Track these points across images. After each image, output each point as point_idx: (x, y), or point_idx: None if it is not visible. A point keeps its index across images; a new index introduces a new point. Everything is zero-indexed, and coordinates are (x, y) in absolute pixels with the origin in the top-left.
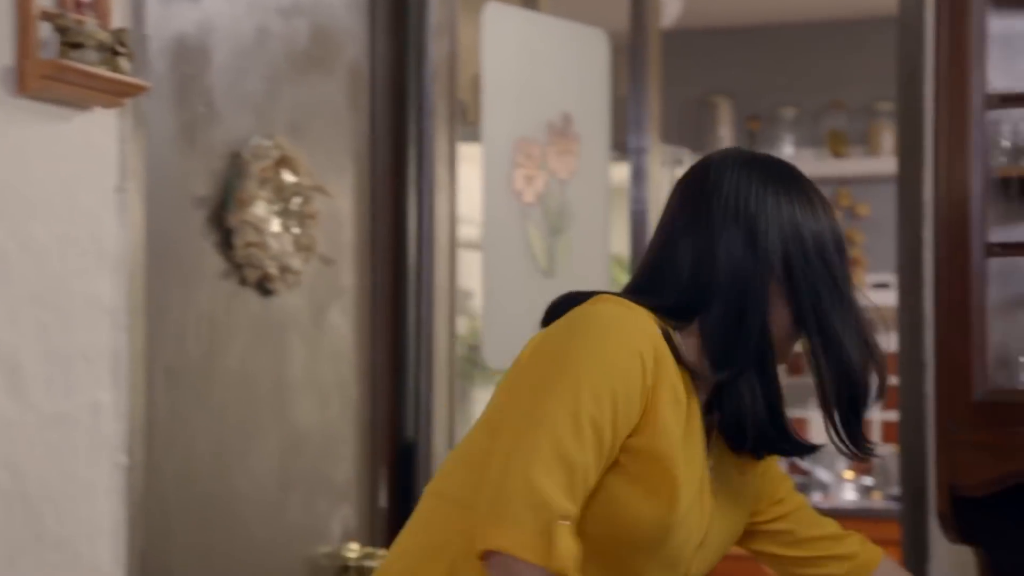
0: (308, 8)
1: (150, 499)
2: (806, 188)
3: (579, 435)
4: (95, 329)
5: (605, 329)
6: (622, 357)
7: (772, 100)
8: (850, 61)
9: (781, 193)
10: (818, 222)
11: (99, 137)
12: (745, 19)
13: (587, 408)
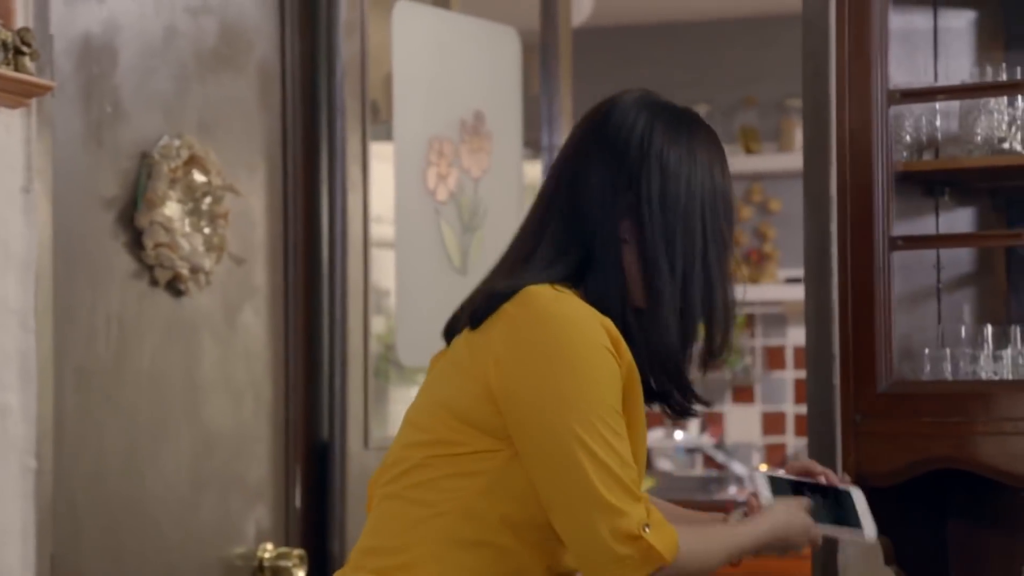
0: (216, 7)
1: (60, 502)
2: (698, 140)
3: (611, 446)
4: (2, 331)
5: (578, 344)
6: (602, 366)
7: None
8: (761, 58)
9: (669, 141)
10: (694, 175)
11: (3, 137)
12: (656, 16)
13: (605, 435)
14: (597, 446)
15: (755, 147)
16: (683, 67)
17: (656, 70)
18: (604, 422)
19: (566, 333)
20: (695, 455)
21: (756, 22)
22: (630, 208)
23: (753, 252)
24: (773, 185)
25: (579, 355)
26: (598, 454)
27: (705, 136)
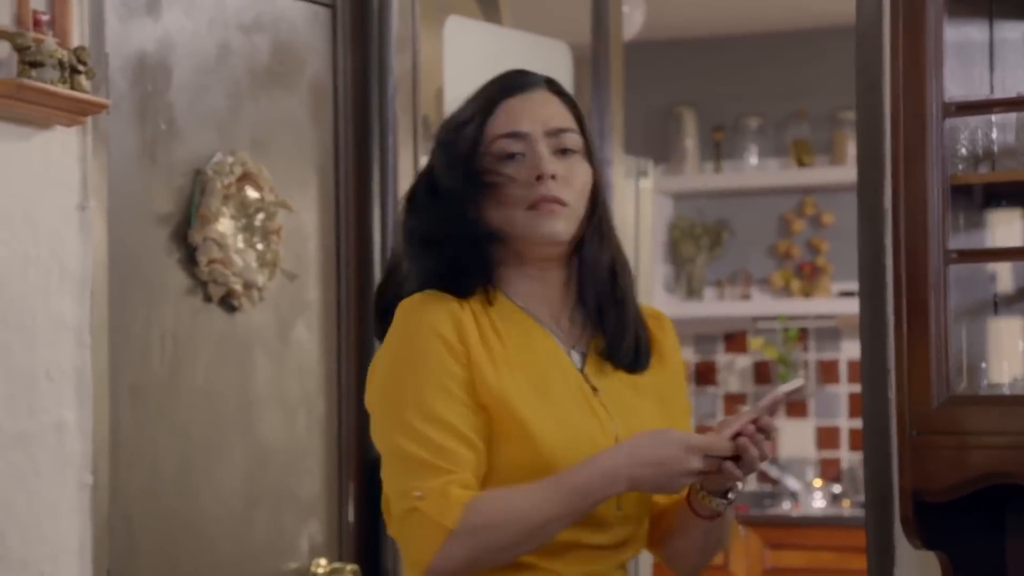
0: (269, 24)
1: (115, 517)
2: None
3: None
4: (58, 347)
5: (403, 335)
6: (428, 348)
7: (736, 110)
8: (813, 70)
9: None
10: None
11: (60, 155)
12: (708, 30)
13: (434, 413)
14: (418, 447)
15: (807, 160)
16: (734, 80)
17: (707, 83)
18: (420, 410)
19: (393, 332)
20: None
21: (807, 35)
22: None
23: (806, 265)
24: (825, 198)
25: (402, 348)
26: (416, 454)
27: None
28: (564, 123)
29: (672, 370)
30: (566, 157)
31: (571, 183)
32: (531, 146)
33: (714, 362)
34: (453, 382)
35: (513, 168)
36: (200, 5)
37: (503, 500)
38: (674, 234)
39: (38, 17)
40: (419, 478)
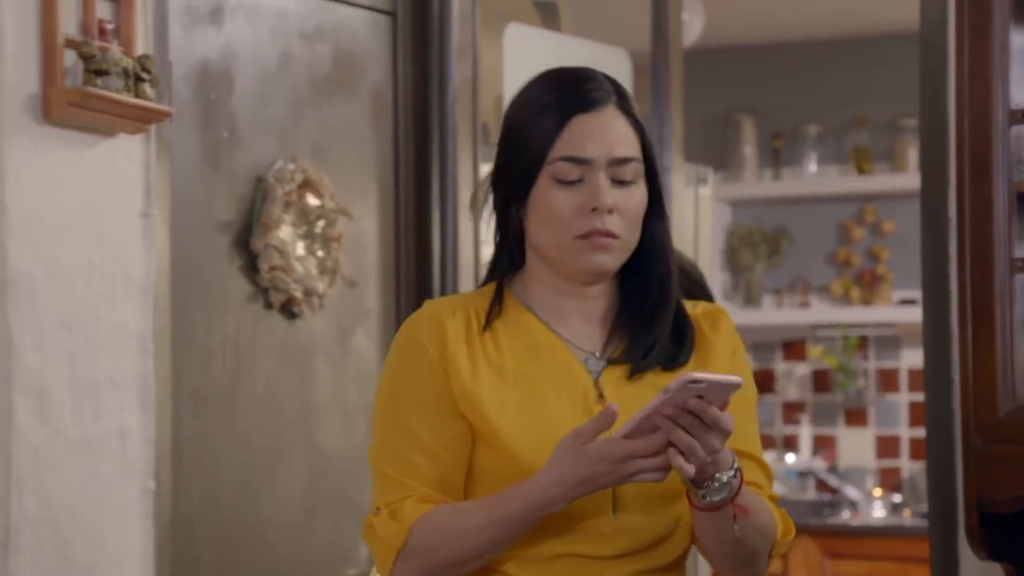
0: (330, 33)
1: (177, 524)
2: (531, 89)
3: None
4: (122, 354)
5: (392, 346)
6: (406, 358)
7: (795, 117)
8: (873, 77)
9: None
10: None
11: (124, 163)
12: (767, 36)
13: (403, 424)
14: (386, 463)
15: (867, 167)
16: (793, 87)
17: (766, 90)
18: (395, 430)
19: (394, 346)
20: (807, 479)
21: (867, 41)
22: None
23: (866, 273)
24: (886, 206)
25: (388, 360)
26: (384, 470)
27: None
28: (629, 151)
29: (716, 368)
30: (625, 187)
31: (626, 215)
32: (592, 174)
33: (772, 370)
34: (428, 392)
35: (571, 194)
36: (262, 14)
37: (447, 518)
38: (732, 241)
39: (103, 26)
40: (381, 493)
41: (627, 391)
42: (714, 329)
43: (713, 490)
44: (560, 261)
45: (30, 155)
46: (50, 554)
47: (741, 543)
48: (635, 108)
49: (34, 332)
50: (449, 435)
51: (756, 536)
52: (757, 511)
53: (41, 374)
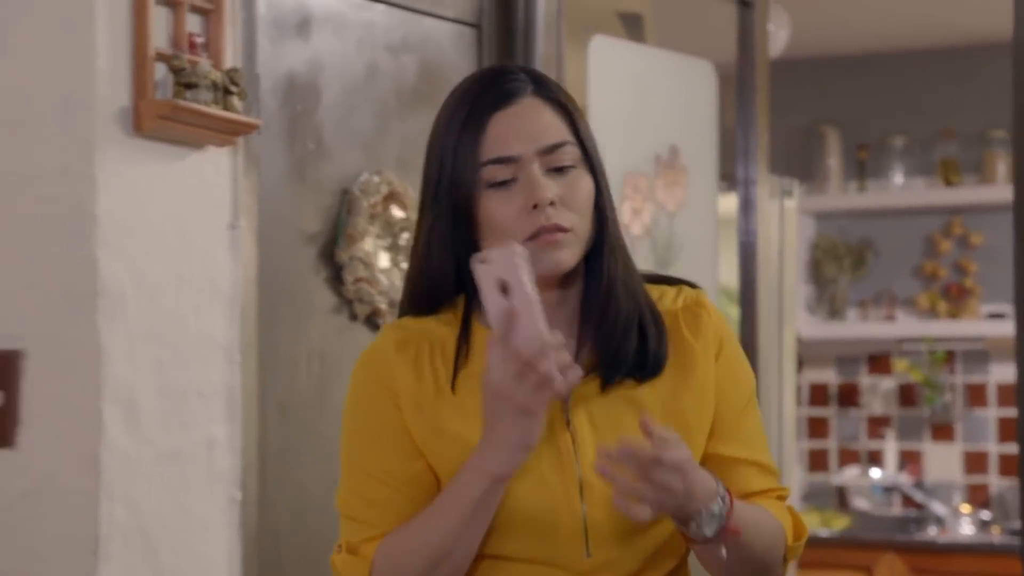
0: (416, 45)
1: (263, 534)
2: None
3: (367, 488)
4: (209, 365)
5: (351, 384)
6: (362, 394)
7: (881, 128)
8: (961, 88)
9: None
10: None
11: (212, 175)
12: (853, 47)
13: (362, 464)
14: (347, 506)
15: (955, 179)
16: (880, 99)
17: (852, 101)
18: (353, 471)
19: (352, 377)
20: (893, 494)
21: (955, 52)
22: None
23: (953, 286)
24: (974, 218)
25: (348, 393)
26: (346, 512)
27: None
28: (558, 136)
29: (700, 377)
30: (564, 174)
31: (572, 204)
32: (524, 169)
33: (857, 384)
34: (386, 428)
35: (508, 197)
36: (349, 26)
37: (400, 537)
38: (816, 254)
39: (193, 40)
40: (344, 530)
41: (597, 407)
42: (695, 331)
43: (704, 523)
44: None
45: (121, 167)
46: (139, 563)
47: (747, 561)
48: (557, 91)
49: (124, 342)
50: (412, 470)
51: (762, 551)
52: (757, 527)
53: (130, 384)
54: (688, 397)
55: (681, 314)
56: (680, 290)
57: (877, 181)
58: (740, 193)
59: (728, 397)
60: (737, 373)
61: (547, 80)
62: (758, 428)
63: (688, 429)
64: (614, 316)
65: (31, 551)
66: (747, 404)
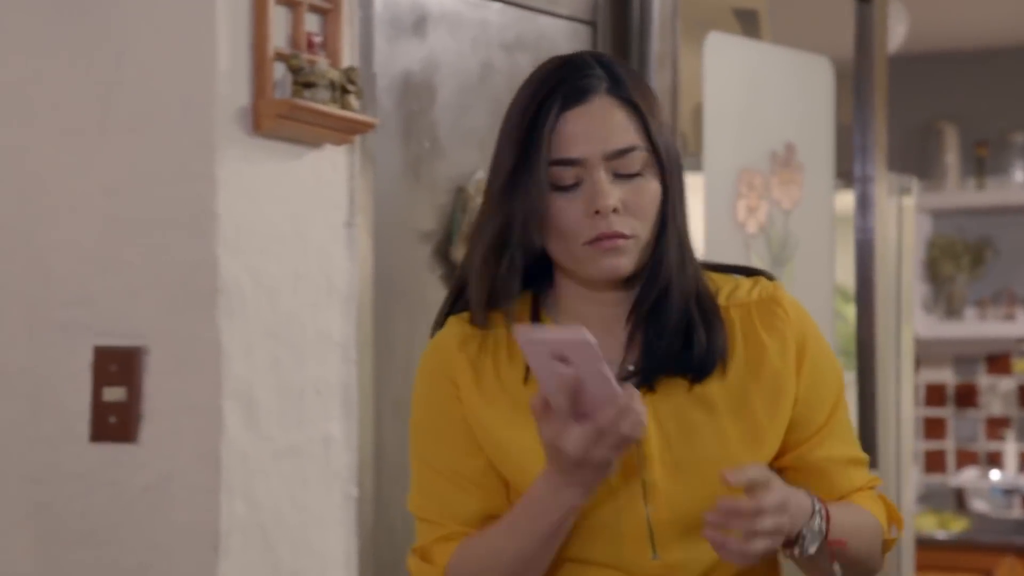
0: (531, 43)
1: (379, 531)
2: (531, 81)
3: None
4: (326, 362)
5: (416, 381)
6: (426, 390)
7: (1001, 125)
8: None
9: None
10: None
11: (329, 174)
12: (972, 42)
13: (428, 459)
14: (417, 506)
15: None
16: (999, 94)
17: (971, 97)
18: (421, 469)
19: (418, 373)
20: (1013, 496)
21: None
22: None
23: None
24: None
25: (412, 402)
26: (417, 513)
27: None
28: (626, 141)
29: (772, 377)
30: (630, 179)
31: (636, 210)
32: (588, 174)
33: (975, 384)
34: (450, 423)
35: (571, 199)
36: (465, 25)
37: (475, 547)
38: (933, 252)
39: (311, 39)
40: (418, 532)
41: (662, 405)
42: (769, 328)
43: (808, 543)
44: (576, 271)
45: (240, 166)
46: (258, 558)
47: (855, 565)
48: (633, 89)
49: (243, 340)
50: (477, 466)
51: (866, 554)
52: (859, 530)
53: (249, 381)
54: (758, 393)
55: (755, 308)
56: (756, 282)
57: (996, 178)
58: (857, 191)
59: (821, 399)
60: (825, 374)
61: (623, 76)
62: (847, 420)
63: (757, 426)
64: (664, 321)
65: (153, 545)
66: (837, 401)
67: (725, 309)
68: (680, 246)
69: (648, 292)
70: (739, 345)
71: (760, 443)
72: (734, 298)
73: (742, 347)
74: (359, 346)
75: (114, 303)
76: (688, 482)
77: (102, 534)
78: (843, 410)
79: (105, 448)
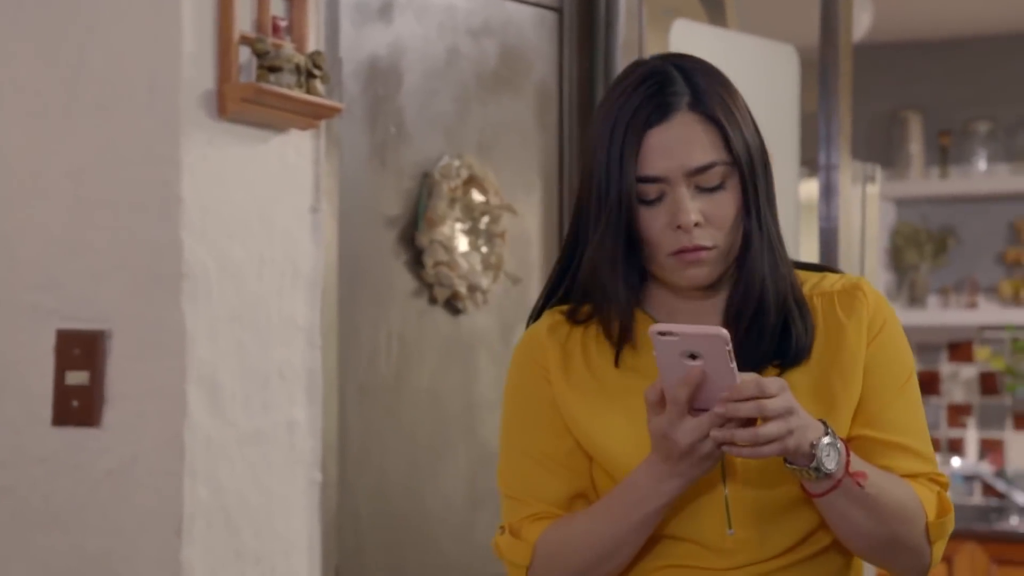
0: (498, 29)
1: (343, 516)
2: (617, 87)
3: (521, 466)
4: (290, 347)
5: (510, 367)
6: (523, 377)
7: (964, 114)
8: None
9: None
10: (597, 129)
11: (294, 158)
12: (936, 32)
13: (517, 441)
14: (507, 484)
15: None
16: (964, 84)
17: (936, 87)
18: (511, 451)
19: (512, 362)
20: (973, 483)
21: None
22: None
23: None
24: None
25: (505, 387)
26: (506, 492)
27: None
28: (707, 157)
29: (849, 356)
30: (712, 194)
31: (717, 222)
32: (671, 190)
33: (937, 372)
34: (542, 408)
35: (656, 213)
36: (431, 10)
37: (566, 528)
38: (896, 241)
39: (277, 23)
40: (505, 510)
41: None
42: (848, 311)
43: (823, 458)
44: (662, 277)
45: (205, 150)
46: (221, 543)
47: (881, 519)
48: (713, 101)
49: (207, 324)
50: (566, 448)
51: (894, 509)
52: (886, 480)
53: (213, 366)
54: (836, 376)
55: (837, 296)
56: (842, 276)
57: (960, 167)
58: (821, 179)
59: (880, 378)
60: (891, 354)
61: (705, 89)
62: (914, 411)
63: (834, 406)
64: (763, 323)
65: (116, 529)
66: (903, 386)
67: (809, 298)
68: (771, 249)
69: (746, 302)
70: (820, 331)
71: (833, 422)
72: (818, 288)
73: (823, 332)
74: (324, 331)
75: (78, 287)
76: (765, 462)
77: (65, 518)
78: (910, 400)
79: (68, 432)
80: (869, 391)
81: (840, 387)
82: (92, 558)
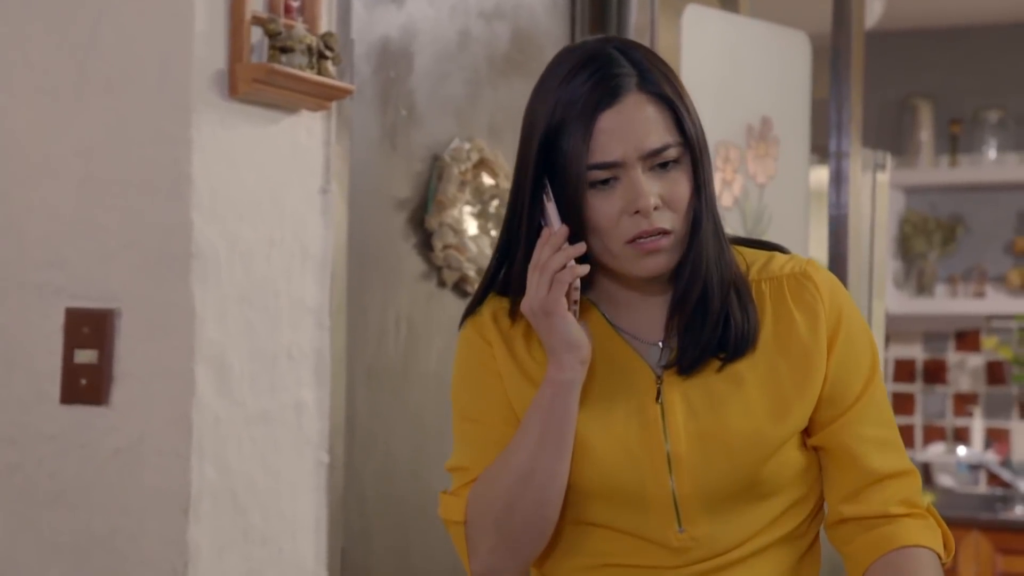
0: (509, 12)
1: (350, 497)
2: (559, 62)
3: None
4: (299, 329)
5: (456, 353)
6: (467, 350)
7: (975, 102)
8: None
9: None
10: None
11: (305, 139)
12: (948, 19)
13: (466, 412)
14: (453, 459)
15: None
16: (975, 72)
17: (947, 74)
18: (460, 422)
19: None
20: (979, 472)
21: None
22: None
23: None
24: None
25: (453, 374)
26: (452, 465)
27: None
28: (661, 139)
29: (801, 350)
30: (665, 171)
31: (673, 203)
32: (627, 173)
33: (944, 360)
34: (483, 372)
35: (609, 197)
36: None
37: (488, 469)
38: (905, 229)
39: (289, 4)
40: (452, 483)
41: (691, 382)
42: (799, 302)
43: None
44: (614, 267)
45: (216, 130)
46: (228, 523)
47: None
48: (660, 80)
49: (216, 305)
50: (511, 416)
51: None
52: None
53: (222, 346)
54: (786, 367)
55: (787, 281)
56: (791, 258)
57: (969, 156)
58: (832, 166)
59: (852, 377)
60: (858, 353)
61: (651, 68)
62: (882, 401)
63: (784, 399)
64: (707, 312)
65: (123, 508)
66: (870, 380)
67: (756, 283)
68: (716, 235)
69: (691, 290)
70: (768, 319)
71: (786, 416)
72: (766, 271)
73: (771, 321)
74: (333, 313)
75: (88, 265)
76: (712, 454)
77: (72, 496)
78: (877, 391)
79: (76, 410)
80: (839, 392)
81: (791, 383)
82: (99, 536)
